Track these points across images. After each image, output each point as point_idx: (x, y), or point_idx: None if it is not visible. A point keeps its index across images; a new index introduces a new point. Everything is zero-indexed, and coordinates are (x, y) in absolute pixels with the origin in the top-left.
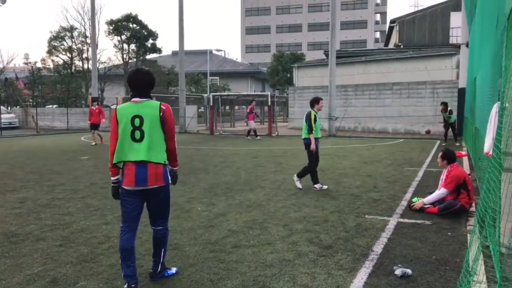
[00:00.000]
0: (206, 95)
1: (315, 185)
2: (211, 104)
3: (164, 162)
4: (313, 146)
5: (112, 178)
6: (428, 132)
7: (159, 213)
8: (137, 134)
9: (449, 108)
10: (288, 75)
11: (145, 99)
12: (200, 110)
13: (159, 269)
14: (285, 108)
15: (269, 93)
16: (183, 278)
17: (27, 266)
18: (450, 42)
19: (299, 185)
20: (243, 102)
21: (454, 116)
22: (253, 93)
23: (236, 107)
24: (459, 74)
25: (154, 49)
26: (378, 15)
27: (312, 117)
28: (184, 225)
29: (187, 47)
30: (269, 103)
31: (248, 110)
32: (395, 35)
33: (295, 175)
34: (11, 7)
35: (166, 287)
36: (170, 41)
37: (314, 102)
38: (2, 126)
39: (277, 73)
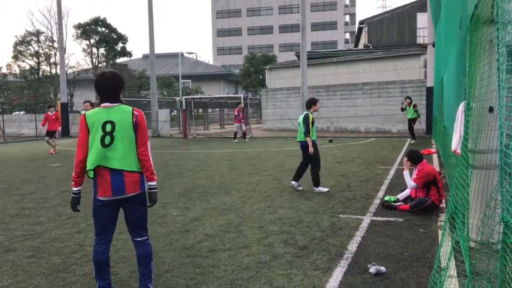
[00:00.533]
0: (178, 98)
1: (294, 182)
2: (184, 107)
3: (139, 169)
4: (311, 149)
5: (75, 189)
6: (330, 141)
7: (139, 222)
8: (107, 140)
9: (413, 102)
10: (261, 77)
11: (116, 104)
12: (173, 113)
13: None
14: (259, 110)
15: (242, 95)
16: (158, 284)
17: None
18: (418, 42)
19: (324, 189)
20: (216, 104)
21: (417, 112)
22: (226, 95)
23: (209, 110)
24: (427, 73)
25: (124, 52)
26: (348, 16)
27: (310, 119)
28: (159, 230)
29: (158, 50)
30: (242, 105)
31: (235, 113)
32: (364, 36)
33: (314, 187)
34: None
35: None
36: (141, 44)
37: (311, 103)
38: None
39: (249, 75)
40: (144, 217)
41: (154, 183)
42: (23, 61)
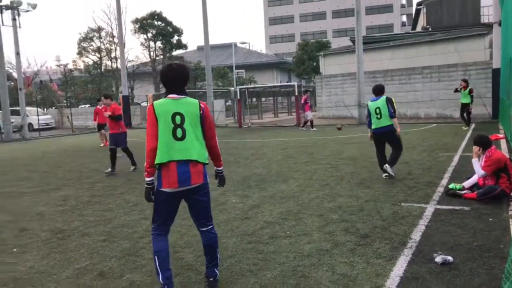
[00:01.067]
0: (232, 88)
1: (389, 166)
2: (238, 97)
3: (206, 161)
4: (399, 130)
5: (148, 179)
6: (339, 128)
7: (204, 212)
8: (179, 132)
9: (469, 87)
10: (314, 64)
11: (183, 96)
12: (227, 103)
13: (218, 274)
14: (313, 97)
15: (295, 83)
16: (223, 269)
17: (75, 260)
18: (482, 21)
19: (391, 171)
20: (270, 93)
21: (472, 97)
22: (279, 84)
23: (263, 99)
24: (493, 54)
25: (180, 45)
26: None
27: (394, 100)
28: (220, 217)
29: (212, 41)
30: (296, 93)
31: (302, 101)
32: (423, 17)
33: (387, 165)
34: (41, 11)
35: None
36: (195, 36)
37: (383, 89)
38: (40, 127)
39: (302, 62)
40: (208, 207)
41: (221, 168)
42: (86, 56)
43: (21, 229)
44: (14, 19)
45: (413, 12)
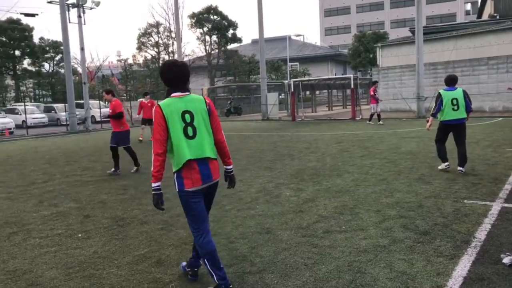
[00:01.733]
0: (286, 81)
1: (462, 168)
2: (292, 90)
3: (216, 156)
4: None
5: (155, 185)
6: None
7: (209, 208)
8: (190, 131)
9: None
10: (371, 56)
11: (187, 93)
12: (281, 96)
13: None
14: (368, 90)
15: (351, 75)
16: (277, 261)
17: (134, 247)
18: None
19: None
20: (324, 86)
21: None
22: (334, 76)
23: (317, 92)
24: None
25: (235, 39)
26: None
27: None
28: (274, 210)
29: (266, 34)
30: (352, 86)
31: (371, 93)
32: (490, 5)
33: (462, 169)
34: (103, 8)
35: (263, 271)
36: (250, 29)
37: (457, 79)
38: (102, 119)
39: (358, 54)
40: (212, 202)
41: (231, 166)
42: (145, 51)
43: (86, 216)
44: (79, 16)
45: (479, 0)
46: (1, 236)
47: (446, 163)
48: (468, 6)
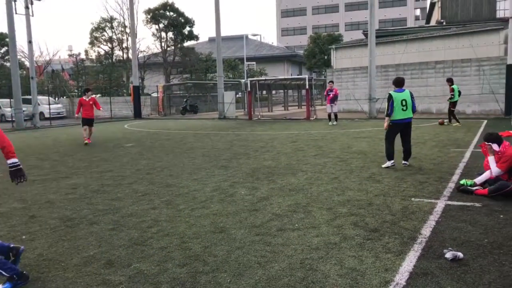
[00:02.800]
0: (243, 80)
1: (406, 162)
2: (249, 89)
3: None
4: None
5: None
6: (441, 123)
7: None
8: None
9: (454, 85)
10: (326, 57)
11: None
12: (238, 95)
13: None
14: (323, 91)
15: (306, 76)
16: (230, 260)
17: (83, 248)
18: (498, 16)
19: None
20: (280, 86)
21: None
22: (290, 77)
23: (274, 92)
24: (508, 49)
25: (191, 36)
26: None
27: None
28: (229, 208)
29: (223, 33)
30: (307, 86)
31: (325, 93)
32: (437, 11)
33: (406, 162)
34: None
35: (215, 270)
36: (207, 27)
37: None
38: (51, 116)
39: (314, 55)
40: None
41: (12, 161)
42: (98, 46)
43: (31, 217)
44: (27, 7)
45: (427, 6)
46: None
47: (392, 161)
48: (418, 12)
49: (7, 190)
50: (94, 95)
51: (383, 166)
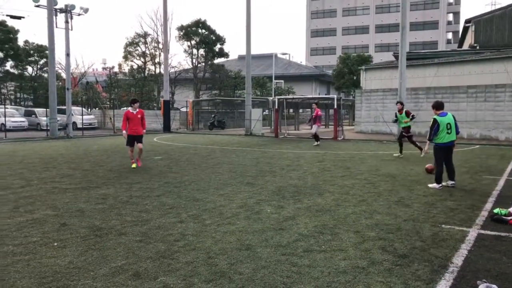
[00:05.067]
0: (271, 98)
1: (452, 182)
2: (276, 107)
3: None
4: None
5: None
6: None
7: None
8: None
9: (405, 109)
10: (354, 78)
11: None
12: (265, 113)
13: None
14: (351, 111)
15: (335, 96)
16: (256, 279)
17: (111, 259)
18: None
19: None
20: (308, 105)
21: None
22: (318, 96)
23: (300, 110)
24: None
25: (222, 53)
26: (451, 15)
27: None
28: (254, 226)
29: (253, 51)
30: (335, 106)
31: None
32: (471, 35)
33: (453, 182)
34: (92, 15)
35: None
36: (237, 45)
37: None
38: (83, 126)
39: (342, 75)
40: None
41: None
42: (131, 61)
43: (62, 224)
44: (66, 22)
45: (460, 30)
46: None
47: (440, 184)
48: (450, 35)
49: (41, 197)
50: (134, 108)
51: (430, 186)
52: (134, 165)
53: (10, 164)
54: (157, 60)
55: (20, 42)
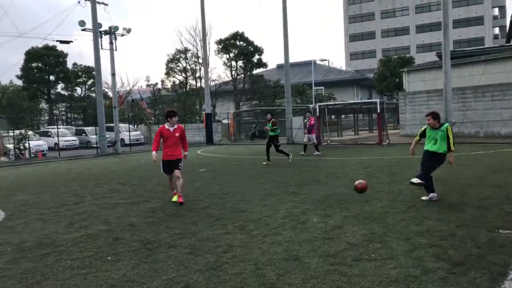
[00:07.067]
0: (311, 105)
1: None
2: (317, 114)
3: None
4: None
5: None
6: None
7: None
8: None
9: (272, 120)
10: (397, 80)
11: None
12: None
13: None
14: (395, 115)
15: (377, 100)
16: None
17: (162, 271)
18: None
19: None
20: (350, 110)
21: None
22: (360, 101)
23: (343, 116)
24: None
25: (260, 64)
26: (496, 9)
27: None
28: (301, 236)
29: (292, 59)
30: (378, 110)
31: (312, 122)
32: None
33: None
34: (134, 35)
35: None
36: (275, 54)
37: None
38: (131, 142)
39: (384, 78)
40: None
41: None
42: (173, 76)
43: (115, 239)
44: (111, 43)
45: (507, 24)
46: (35, 257)
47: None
48: (497, 31)
49: (94, 213)
50: (171, 124)
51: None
52: (175, 198)
53: (65, 181)
54: (197, 74)
55: (69, 65)
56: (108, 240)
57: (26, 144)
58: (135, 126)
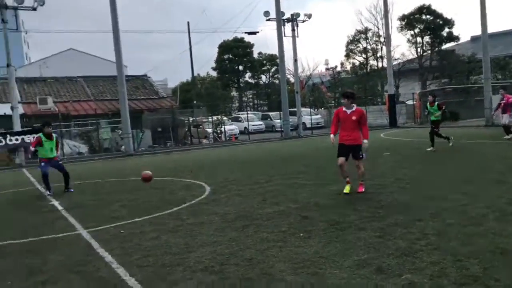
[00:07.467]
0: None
1: None
2: None
3: None
4: None
5: None
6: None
7: None
8: None
9: (436, 102)
10: None
11: None
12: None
13: None
14: None
15: None
16: None
17: (353, 252)
18: None
19: None
20: None
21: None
22: None
23: None
24: None
25: (451, 37)
26: None
27: None
28: (509, 229)
29: (490, 29)
30: None
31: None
32: None
33: None
34: (314, 20)
35: None
36: (468, 26)
37: None
38: (312, 126)
39: None
40: None
41: None
42: (353, 58)
43: (304, 217)
44: (293, 30)
45: None
46: (237, 228)
47: None
48: None
49: (283, 191)
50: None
51: None
52: (347, 188)
53: (255, 162)
54: (379, 54)
55: (255, 54)
56: (297, 218)
57: (222, 129)
58: (315, 110)
